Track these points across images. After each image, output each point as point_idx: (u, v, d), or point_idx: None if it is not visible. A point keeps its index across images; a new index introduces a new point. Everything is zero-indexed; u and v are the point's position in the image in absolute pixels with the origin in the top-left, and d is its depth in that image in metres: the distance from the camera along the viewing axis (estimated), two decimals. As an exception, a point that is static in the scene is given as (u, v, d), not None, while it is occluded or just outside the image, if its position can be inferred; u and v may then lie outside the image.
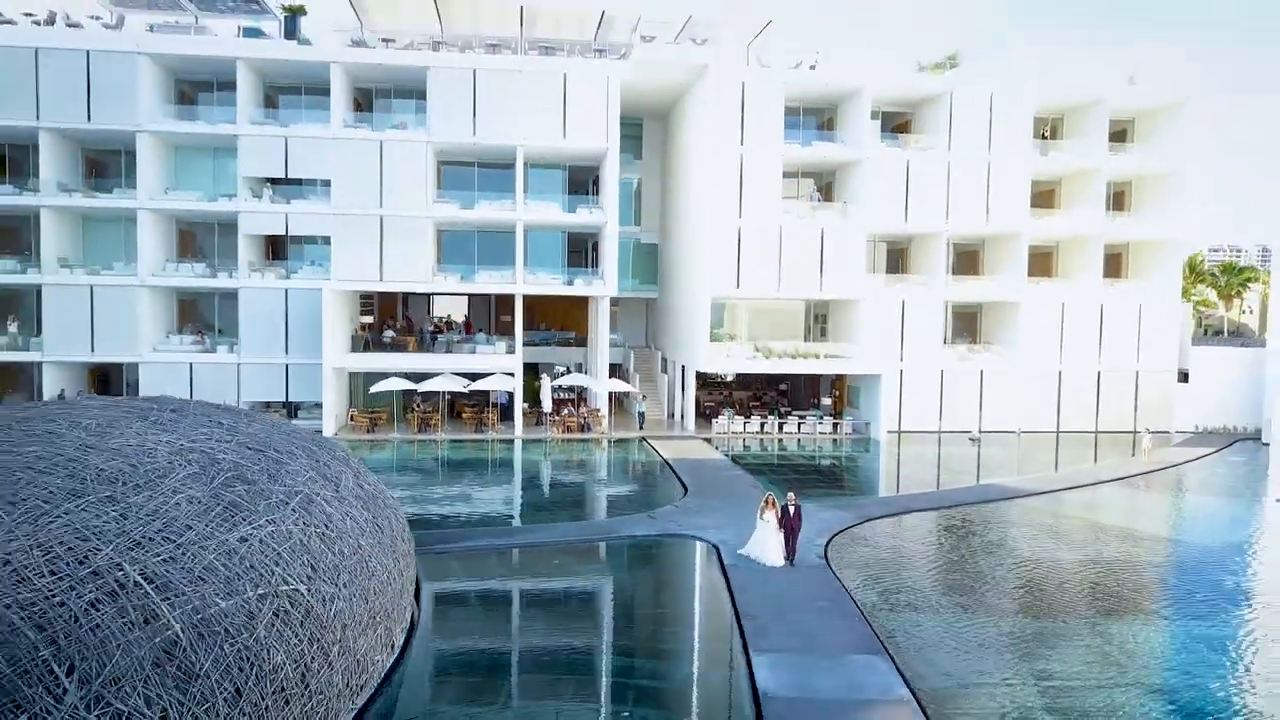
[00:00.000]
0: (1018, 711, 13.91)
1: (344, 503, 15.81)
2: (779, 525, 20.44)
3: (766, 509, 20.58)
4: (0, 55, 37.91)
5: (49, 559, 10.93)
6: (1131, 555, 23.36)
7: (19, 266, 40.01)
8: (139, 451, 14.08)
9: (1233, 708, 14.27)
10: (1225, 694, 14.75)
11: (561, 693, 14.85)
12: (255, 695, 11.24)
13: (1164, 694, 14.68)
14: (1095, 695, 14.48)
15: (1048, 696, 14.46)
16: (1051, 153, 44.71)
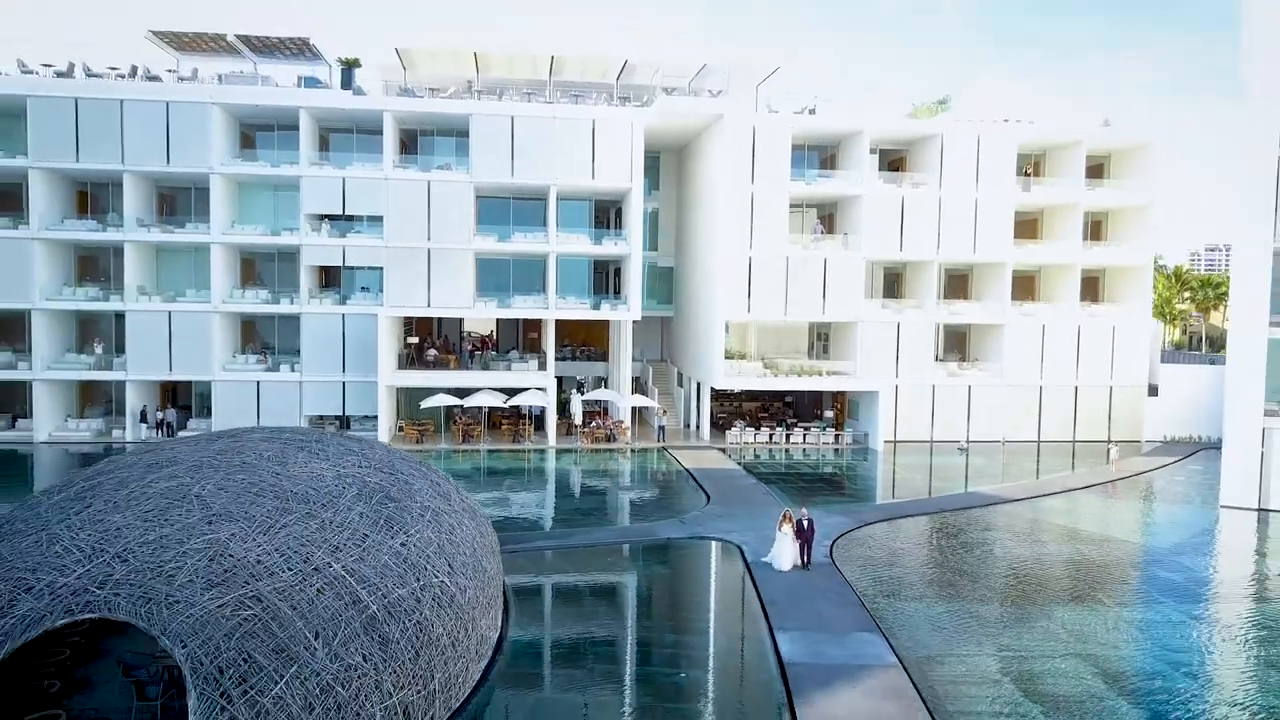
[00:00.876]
0: (979, 674, 18.39)
1: (456, 514, 20.25)
2: (795, 536, 24.73)
3: (784, 522, 24.91)
4: (90, 106, 42.26)
5: (285, 559, 15.38)
6: (1086, 554, 27.83)
7: (101, 294, 44.40)
8: (313, 477, 18.51)
9: (1146, 672, 18.74)
10: (1142, 663, 19.23)
11: (628, 658, 19.34)
12: (426, 656, 15.70)
13: (1093, 661, 19.12)
14: (1041, 663, 18.96)
15: (1004, 663, 18.93)
16: (1034, 188, 49.13)
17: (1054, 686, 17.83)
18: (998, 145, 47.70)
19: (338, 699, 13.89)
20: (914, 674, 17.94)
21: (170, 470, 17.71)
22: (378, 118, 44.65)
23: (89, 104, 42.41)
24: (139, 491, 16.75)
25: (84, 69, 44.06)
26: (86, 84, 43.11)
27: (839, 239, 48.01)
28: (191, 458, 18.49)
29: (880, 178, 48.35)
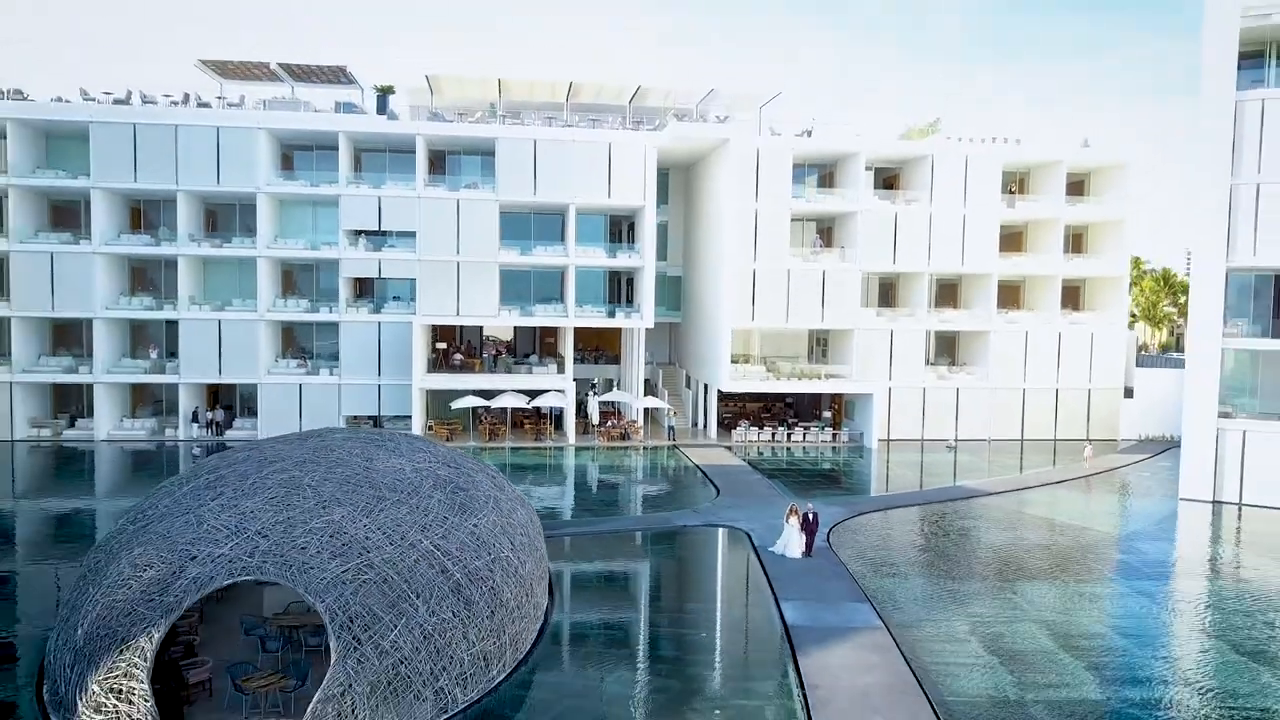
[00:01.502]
0: (950, 634, 22.10)
1: (510, 502, 23.95)
2: (800, 528, 28.36)
3: (792, 515, 28.54)
4: (148, 131, 45.96)
5: (386, 536, 19.07)
6: (1053, 540, 31.57)
7: (155, 303, 48.09)
8: (395, 471, 22.18)
9: (1089, 634, 22.47)
10: (1087, 627, 22.95)
11: (658, 620, 23.11)
12: (499, 616, 19.42)
13: (1046, 625, 22.83)
14: (1003, 626, 22.67)
15: (972, 626, 22.65)
16: (1018, 204, 52.83)
17: (1011, 644, 21.55)
18: (984, 165, 51.38)
19: (436, 645, 17.60)
20: (896, 634, 21.65)
21: (280, 465, 21.39)
22: (410, 140, 48.34)
23: (146, 129, 46.09)
24: (260, 482, 20.43)
25: (140, 96, 47.64)
26: (144, 110, 46.74)
27: (837, 252, 51.68)
28: (294, 455, 22.17)
29: (875, 195, 52.05)
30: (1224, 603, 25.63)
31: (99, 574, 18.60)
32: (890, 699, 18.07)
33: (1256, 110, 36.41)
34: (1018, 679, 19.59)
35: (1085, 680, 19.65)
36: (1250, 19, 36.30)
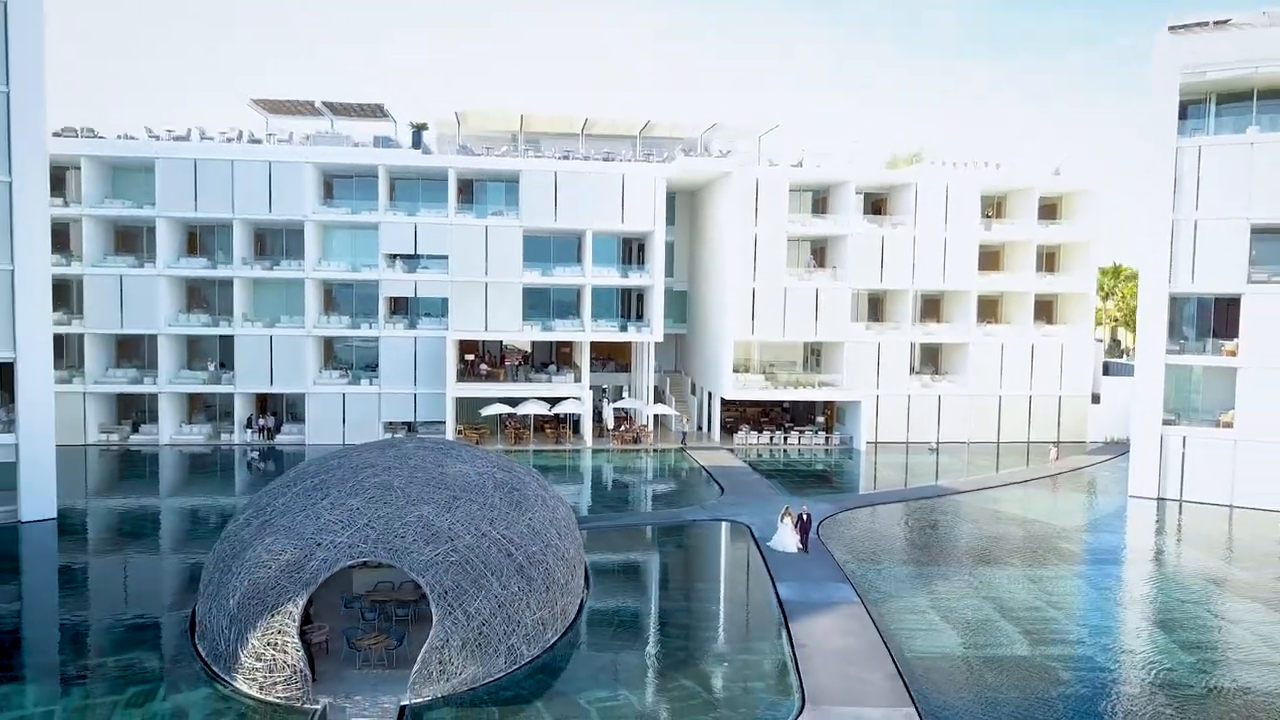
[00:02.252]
0: (913, 607, 27.20)
1: (554, 499, 29.02)
2: (794, 526, 33.28)
3: (785, 515, 33.50)
4: (207, 165, 51.00)
5: (464, 527, 24.15)
6: (1010, 531, 36.67)
7: (211, 320, 53.14)
8: (462, 475, 27.23)
9: (1027, 606, 27.55)
10: (1025, 601, 28.05)
11: (675, 596, 28.23)
12: (553, 591, 24.50)
13: (993, 600, 27.92)
14: (957, 601, 27.77)
15: (932, 601, 27.74)
16: (994, 226, 57.88)
17: (962, 615, 26.66)
18: (963, 191, 56.42)
19: (507, 612, 22.70)
20: (869, 608, 26.76)
21: (371, 470, 26.45)
22: (442, 171, 53.36)
23: (206, 164, 51.13)
24: (358, 485, 25.49)
25: (200, 133, 52.66)
26: (203, 146, 51.74)
27: (829, 271, 56.74)
28: (381, 462, 27.24)
29: (864, 219, 57.07)
30: (1145, 583, 30.78)
31: (236, 559, 23.68)
32: (861, 654, 23.19)
33: (1194, 154, 41.49)
34: (963, 640, 24.72)
35: (1017, 641, 24.75)
36: (1189, 75, 41.33)
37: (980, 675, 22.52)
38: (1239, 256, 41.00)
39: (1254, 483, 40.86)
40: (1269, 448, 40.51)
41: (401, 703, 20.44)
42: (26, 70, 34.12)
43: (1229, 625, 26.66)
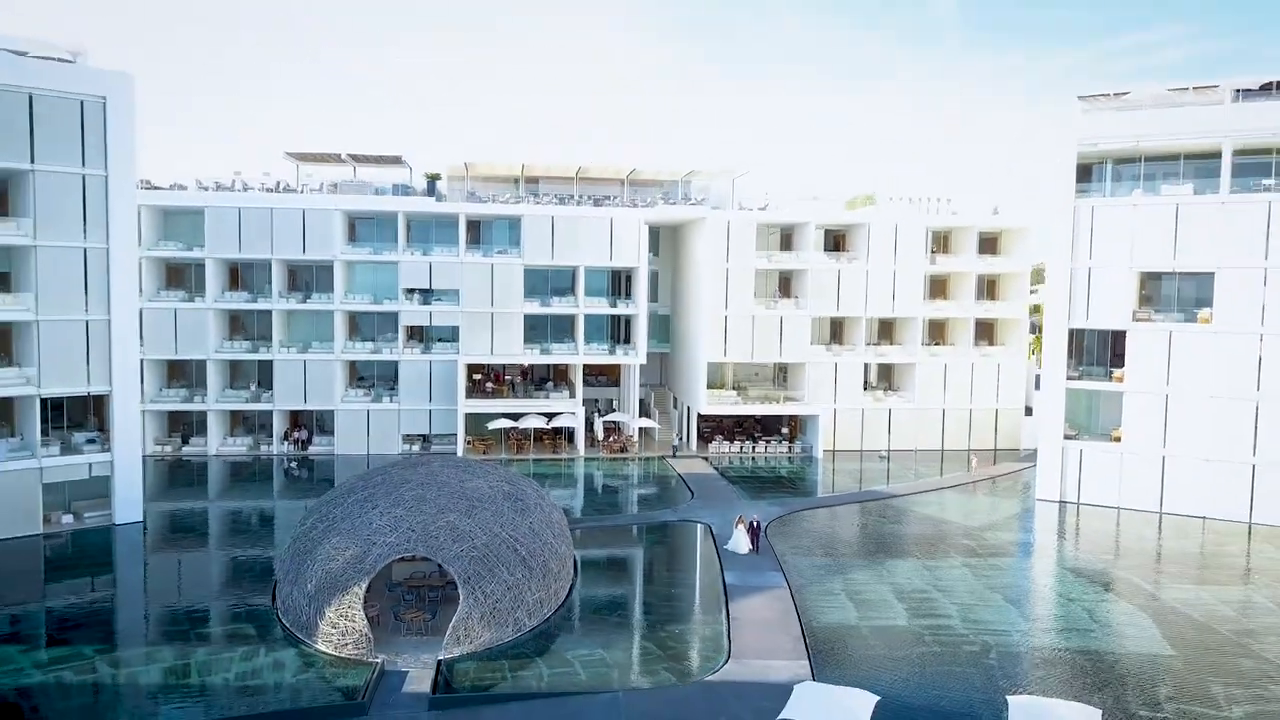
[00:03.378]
0: (828, 590, 35.09)
1: (549, 506, 36.91)
2: (747, 532, 40.99)
3: (739, 523, 41.22)
4: (249, 213, 58.83)
5: (481, 529, 32.03)
6: (924, 530, 44.54)
7: (252, 346, 60.99)
8: (477, 489, 35.08)
9: (919, 589, 35.44)
10: (919, 586, 35.94)
11: (643, 581, 36.19)
12: (549, 578, 32.42)
13: (893, 586, 35.78)
14: (864, 586, 35.66)
15: (844, 586, 35.63)
16: (940, 260, 65.70)
17: (864, 596, 34.57)
18: (911, 229, 64.21)
19: (514, 593, 30.59)
20: (792, 591, 34.63)
21: (408, 486, 34.32)
22: (453, 216, 61.19)
23: (249, 211, 58.97)
24: (399, 498, 33.34)
25: (243, 183, 60.49)
26: (247, 195, 59.64)
27: (792, 301, 64.56)
28: (415, 479, 35.10)
29: (823, 254, 64.87)
30: (1018, 572, 38.71)
31: (310, 554, 31.57)
32: (778, 624, 31.12)
33: (1089, 212, 49.32)
34: (859, 614, 32.65)
35: (900, 615, 32.66)
36: (1085, 145, 49.15)
37: (864, 639, 30.46)
38: (1125, 298, 48.87)
39: (1136, 488, 48.78)
40: (1148, 459, 48.42)
41: (438, 658, 28.32)
42: (121, 157, 41.93)
43: (1068, 603, 34.64)
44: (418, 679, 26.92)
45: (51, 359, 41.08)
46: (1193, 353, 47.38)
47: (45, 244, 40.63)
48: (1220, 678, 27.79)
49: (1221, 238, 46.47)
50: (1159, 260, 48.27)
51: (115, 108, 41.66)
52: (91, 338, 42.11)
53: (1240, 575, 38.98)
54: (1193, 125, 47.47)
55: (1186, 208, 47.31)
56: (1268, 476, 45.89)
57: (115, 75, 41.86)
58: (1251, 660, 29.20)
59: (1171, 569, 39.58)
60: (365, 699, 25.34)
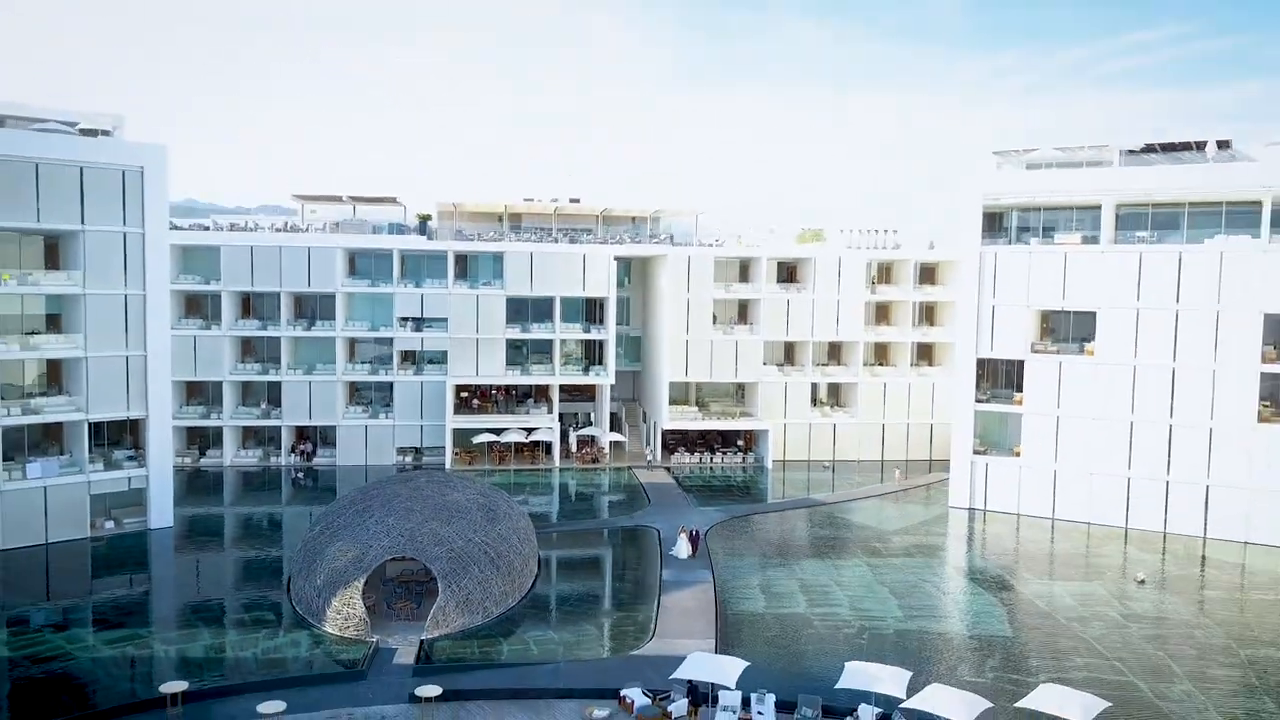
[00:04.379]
0: (747, 585, 42.47)
1: (517, 515, 44.28)
2: (688, 540, 48.23)
3: (682, 532, 48.44)
4: (261, 251, 66.18)
5: (458, 535, 39.40)
6: (843, 533, 51.90)
7: (263, 368, 68.33)
8: (455, 501, 42.41)
9: (821, 584, 42.83)
10: (823, 581, 43.34)
11: (593, 577, 43.66)
12: (514, 574, 39.82)
13: (800, 581, 43.14)
14: (779, 582, 43.06)
15: (762, 581, 43.00)
16: (880, 289, 73.10)
17: (773, 589, 41.95)
18: (853, 263, 71.59)
19: (484, 586, 37.98)
20: (717, 586, 41.97)
21: (398, 500, 41.64)
22: (443, 252, 68.55)
23: (260, 249, 66.32)
24: (392, 509, 40.67)
25: (255, 223, 67.82)
26: (258, 235, 66.97)
27: (747, 327, 71.95)
28: (403, 493, 42.43)
29: (775, 285, 72.23)
30: (911, 569, 46.03)
31: (319, 554, 38.95)
32: (698, 612, 38.49)
33: (992, 257, 56.71)
34: (766, 604, 40.05)
35: (801, 604, 40.05)
36: (989, 200, 56.57)
37: (766, 623, 37.88)
38: (1025, 332, 56.28)
39: (1033, 498, 56.24)
40: (1042, 472, 55.87)
41: (421, 638, 35.66)
42: (156, 216, 49.28)
43: (942, 595, 42.09)
44: (405, 654, 34.30)
45: (98, 389, 48.45)
46: (1080, 380, 54.80)
47: (93, 292, 47.98)
48: (1038, 653, 35.25)
49: (1102, 282, 53.88)
50: (1051, 300, 55.70)
51: (151, 175, 48.99)
52: (130, 370, 49.50)
53: (1097, 572, 46.37)
54: (1080, 184, 54.93)
55: (1074, 255, 54.73)
56: (1140, 487, 53.32)
57: (151, 148, 49.22)
58: (1070, 640, 36.64)
59: (1040, 567, 47.06)
60: (364, 669, 32.72)
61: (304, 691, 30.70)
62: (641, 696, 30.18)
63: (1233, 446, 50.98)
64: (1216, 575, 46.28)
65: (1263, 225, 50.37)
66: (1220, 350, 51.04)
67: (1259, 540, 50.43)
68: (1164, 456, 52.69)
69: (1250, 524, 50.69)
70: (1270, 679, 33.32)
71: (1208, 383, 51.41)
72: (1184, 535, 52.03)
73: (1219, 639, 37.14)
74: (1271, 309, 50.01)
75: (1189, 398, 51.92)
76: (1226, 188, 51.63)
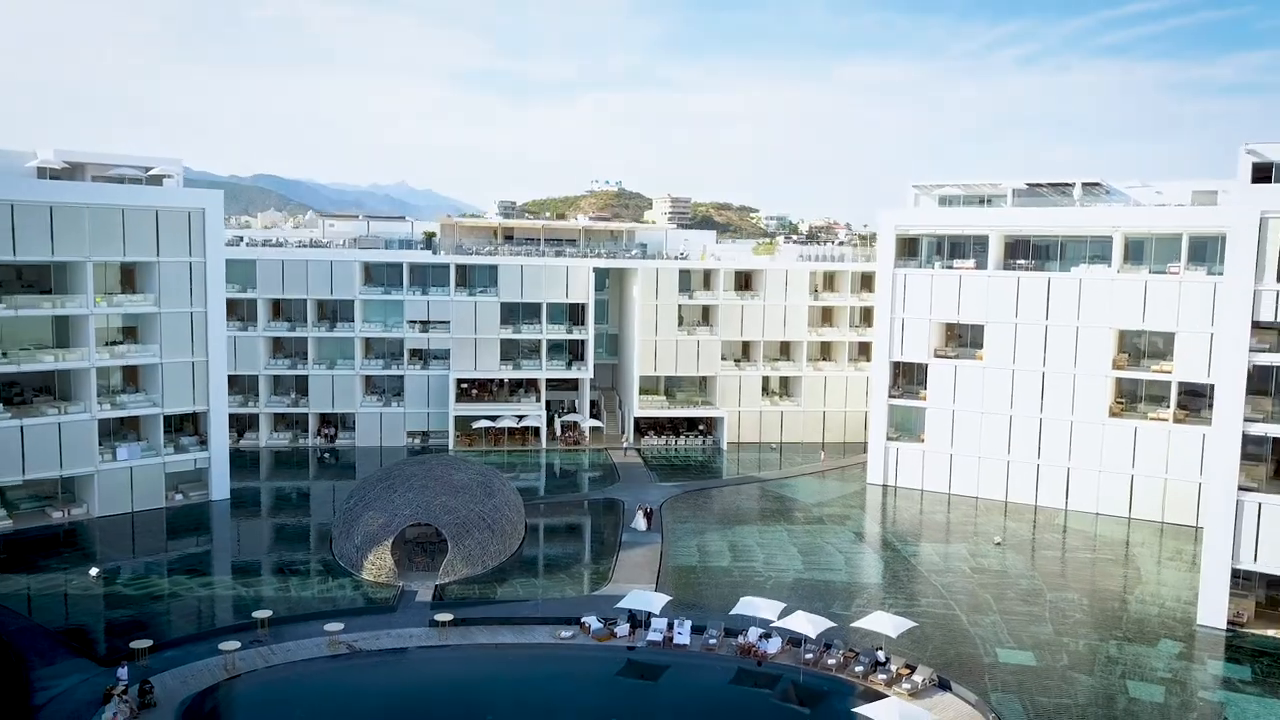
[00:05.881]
0: (685, 545, 54.57)
1: (509, 490, 56.27)
2: (645, 516, 60.08)
3: (640, 510, 60.35)
4: (291, 265, 77.64)
5: (462, 505, 51.36)
6: (771, 505, 63.98)
7: (292, 364, 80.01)
8: (460, 479, 54.30)
9: (745, 545, 54.95)
10: (746, 542, 55.47)
11: (566, 541, 55.94)
12: (504, 538, 51.91)
13: (730, 542, 55.23)
14: (710, 541, 55.14)
15: (698, 541, 55.10)
16: (822, 296, 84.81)
17: (710, 549, 54.02)
18: (798, 274, 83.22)
19: (483, 545, 50.05)
20: (664, 547, 54.06)
21: (415, 479, 53.52)
22: (446, 265, 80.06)
23: (289, 262, 77.79)
24: (410, 486, 52.52)
25: (284, 239, 79.16)
26: (288, 250, 78.44)
27: (708, 328, 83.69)
28: (418, 473, 54.30)
29: (734, 293, 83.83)
30: (821, 533, 58.06)
31: (355, 521, 50.96)
32: (645, 566, 50.60)
33: (903, 278, 68.44)
34: (699, 560, 52.17)
35: (727, 559, 52.16)
36: (900, 230, 68.20)
37: (695, 573, 49.99)
38: (928, 340, 68.13)
39: (934, 476, 68.37)
40: (941, 455, 67.97)
41: (435, 584, 47.67)
42: (215, 247, 60.69)
43: (838, 553, 54.22)
44: (424, 594, 46.35)
45: (170, 388, 60.12)
46: (971, 381, 66.73)
47: (165, 310, 59.52)
48: (894, 594, 47.49)
49: (989, 300, 65.67)
50: (949, 314, 67.52)
51: (211, 215, 60.42)
52: (195, 373, 61.11)
53: (969, 536, 58.48)
54: (973, 219, 66.64)
55: (967, 277, 66.47)
56: (1017, 468, 65.44)
57: (211, 193, 60.71)
58: (923, 585, 48.87)
59: (926, 533, 59.24)
60: (395, 604, 44.78)
61: (353, 619, 42.69)
62: (596, 622, 42.25)
63: (1089, 436, 63.00)
64: (1060, 539, 58.50)
65: (1113, 257, 62.05)
66: (1080, 358, 62.92)
67: (1107, 512, 62.56)
68: (1035, 443, 64.76)
69: (1100, 498, 62.82)
70: (1058, 612, 45.53)
71: (1069, 384, 63.35)
72: (1050, 508, 64.19)
73: (1037, 585, 49.36)
74: (1120, 325, 61.86)
75: (1055, 396, 63.89)
76: (1086, 225, 63.30)
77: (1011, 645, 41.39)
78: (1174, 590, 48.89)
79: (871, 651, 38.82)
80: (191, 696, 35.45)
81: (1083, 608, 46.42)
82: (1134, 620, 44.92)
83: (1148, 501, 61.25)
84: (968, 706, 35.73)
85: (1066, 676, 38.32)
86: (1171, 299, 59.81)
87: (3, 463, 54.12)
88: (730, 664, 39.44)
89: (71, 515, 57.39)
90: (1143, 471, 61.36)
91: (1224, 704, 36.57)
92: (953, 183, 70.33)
